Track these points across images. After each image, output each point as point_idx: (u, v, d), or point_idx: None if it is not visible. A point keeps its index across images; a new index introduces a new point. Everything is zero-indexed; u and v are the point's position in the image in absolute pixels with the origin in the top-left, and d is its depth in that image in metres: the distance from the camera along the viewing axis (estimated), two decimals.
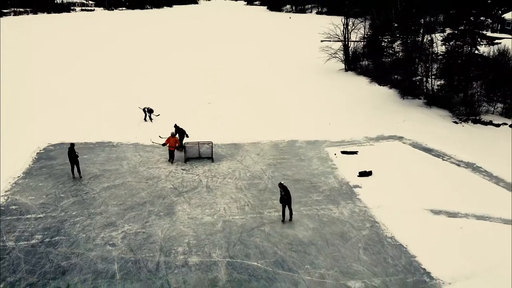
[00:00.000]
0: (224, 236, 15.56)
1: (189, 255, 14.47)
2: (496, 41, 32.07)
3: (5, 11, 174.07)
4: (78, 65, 50.65)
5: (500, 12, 77.95)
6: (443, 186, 19.46)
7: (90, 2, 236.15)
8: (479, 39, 30.35)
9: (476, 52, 32.23)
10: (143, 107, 29.47)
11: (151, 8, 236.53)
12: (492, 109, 30.90)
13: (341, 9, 49.17)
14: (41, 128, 27.36)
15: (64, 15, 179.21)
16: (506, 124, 28.67)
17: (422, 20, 50.29)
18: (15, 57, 55.86)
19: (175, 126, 24.55)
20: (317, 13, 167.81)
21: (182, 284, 13.08)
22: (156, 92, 37.40)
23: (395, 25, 50.31)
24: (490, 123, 28.72)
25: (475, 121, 29.00)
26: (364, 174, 20.39)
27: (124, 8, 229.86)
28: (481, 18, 30.30)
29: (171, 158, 22.50)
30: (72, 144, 20.49)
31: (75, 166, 20.52)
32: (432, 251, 14.57)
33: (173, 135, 22.52)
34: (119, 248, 14.93)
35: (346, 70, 46.78)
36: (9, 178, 20.48)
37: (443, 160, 22.68)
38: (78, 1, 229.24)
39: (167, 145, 22.46)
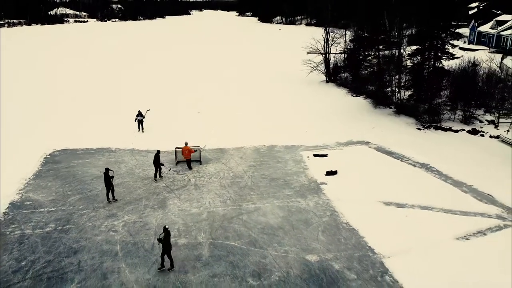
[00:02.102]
0: (208, 223, 18.66)
1: (179, 237, 17.54)
2: (456, 55, 35.55)
3: (0, 22, 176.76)
4: (76, 77, 53.66)
5: (476, 24, 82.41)
6: (397, 183, 22.73)
7: (83, 13, 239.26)
8: (440, 54, 33.88)
9: (441, 65, 35.84)
10: (135, 119, 31.85)
11: (144, 19, 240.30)
12: (453, 116, 34.35)
13: (329, 21, 52.72)
14: (46, 136, 30.28)
15: (58, 26, 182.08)
16: (464, 130, 32.10)
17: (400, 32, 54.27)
18: (18, 68, 58.79)
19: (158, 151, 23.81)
20: (307, 24, 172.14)
21: (173, 258, 16.09)
22: (151, 101, 40.39)
23: (381, 37, 54.09)
24: (449, 129, 32.14)
25: (437, 128, 32.42)
26: (330, 173, 23.63)
27: (117, 20, 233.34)
28: (442, 35, 33.86)
29: (189, 167, 24.90)
30: (107, 169, 20.86)
31: (110, 190, 20.87)
32: (379, 234, 17.75)
33: (186, 144, 24.76)
34: (120, 234, 17.95)
35: (327, 81, 50.26)
36: (21, 179, 23.44)
37: (402, 161, 25.99)
38: (72, 13, 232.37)
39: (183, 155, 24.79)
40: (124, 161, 26.29)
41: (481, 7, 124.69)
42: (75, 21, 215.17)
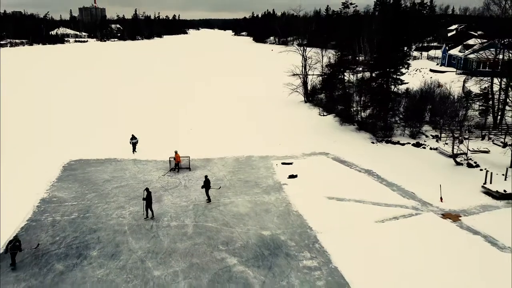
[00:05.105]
0: (193, 212, 24.95)
1: (171, 221, 23.81)
2: (405, 81, 42.32)
3: (2, 42, 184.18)
4: (84, 96, 60.34)
5: (447, 48, 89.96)
6: (342, 184, 29.09)
7: (83, 33, 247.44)
8: (391, 80, 40.70)
9: (395, 90, 42.58)
10: (130, 141, 36.79)
11: (142, 39, 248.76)
12: (403, 132, 40.93)
13: (320, 42, 59.14)
14: (64, 149, 36.57)
15: (60, 46, 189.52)
16: (409, 143, 38.62)
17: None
18: (30, 89, 65.44)
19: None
20: (298, 45, 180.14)
21: (166, 235, 22.35)
22: (147, 120, 46.98)
23: (357, 58, 60.20)
24: (397, 142, 38.67)
25: (387, 141, 38.95)
26: (292, 176, 30.02)
27: (116, 39, 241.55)
28: (395, 62, 40.69)
29: (177, 168, 31.64)
30: (147, 189, 24.63)
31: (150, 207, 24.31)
32: (318, 218, 24.00)
33: (176, 152, 31.70)
34: (128, 219, 24.16)
35: (305, 102, 57.02)
36: (47, 182, 29.69)
37: (350, 168, 32.42)
38: (72, 33, 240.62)
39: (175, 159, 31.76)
40: (128, 168, 32.59)
41: (459, 29, 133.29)
42: (75, 41, 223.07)
